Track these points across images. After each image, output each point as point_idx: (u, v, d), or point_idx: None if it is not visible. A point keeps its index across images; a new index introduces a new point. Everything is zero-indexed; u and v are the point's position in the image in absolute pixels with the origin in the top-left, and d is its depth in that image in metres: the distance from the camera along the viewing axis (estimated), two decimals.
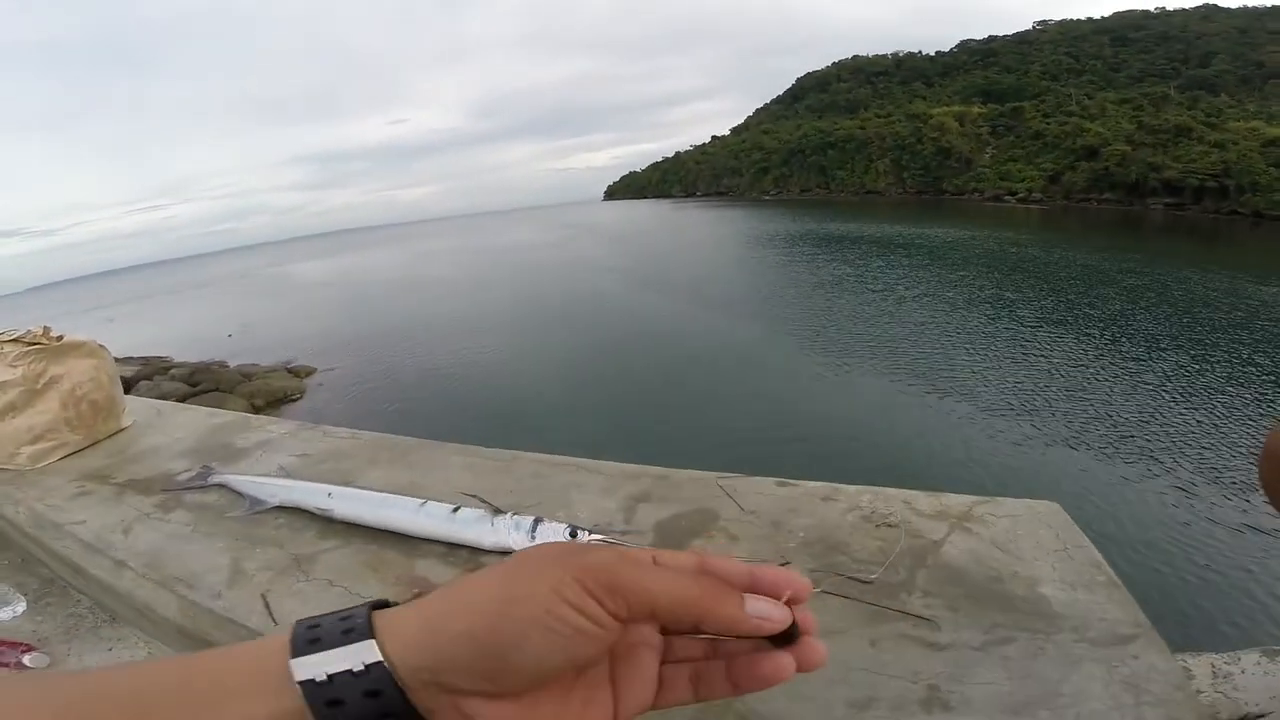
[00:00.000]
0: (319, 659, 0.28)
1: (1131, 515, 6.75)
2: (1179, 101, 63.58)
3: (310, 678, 0.27)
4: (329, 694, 0.27)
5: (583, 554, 0.30)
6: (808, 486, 0.91)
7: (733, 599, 0.30)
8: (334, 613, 0.31)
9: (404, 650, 0.28)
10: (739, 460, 1.09)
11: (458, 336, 18.23)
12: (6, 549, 1.27)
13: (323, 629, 0.29)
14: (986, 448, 8.74)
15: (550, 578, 0.29)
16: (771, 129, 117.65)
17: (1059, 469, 8.05)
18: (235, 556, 0.81)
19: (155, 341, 22.62)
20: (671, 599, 0.30)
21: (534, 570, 0.30)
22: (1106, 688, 0.61)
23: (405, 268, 44.76)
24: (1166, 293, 17.71)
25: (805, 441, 9.03)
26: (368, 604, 0.31)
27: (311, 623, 0.30)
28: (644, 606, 0.29)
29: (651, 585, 0.30)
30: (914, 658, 0.66)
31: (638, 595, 0.29)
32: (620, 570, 0.29)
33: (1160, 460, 7.97)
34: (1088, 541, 0.82)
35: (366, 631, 0.29)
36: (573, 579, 0.29)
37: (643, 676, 0.33)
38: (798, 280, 22.95)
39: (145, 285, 78.37)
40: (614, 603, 0.29)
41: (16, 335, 1.09)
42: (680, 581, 0.30)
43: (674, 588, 0.30)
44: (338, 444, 1.17)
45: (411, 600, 0.31)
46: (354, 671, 0.27)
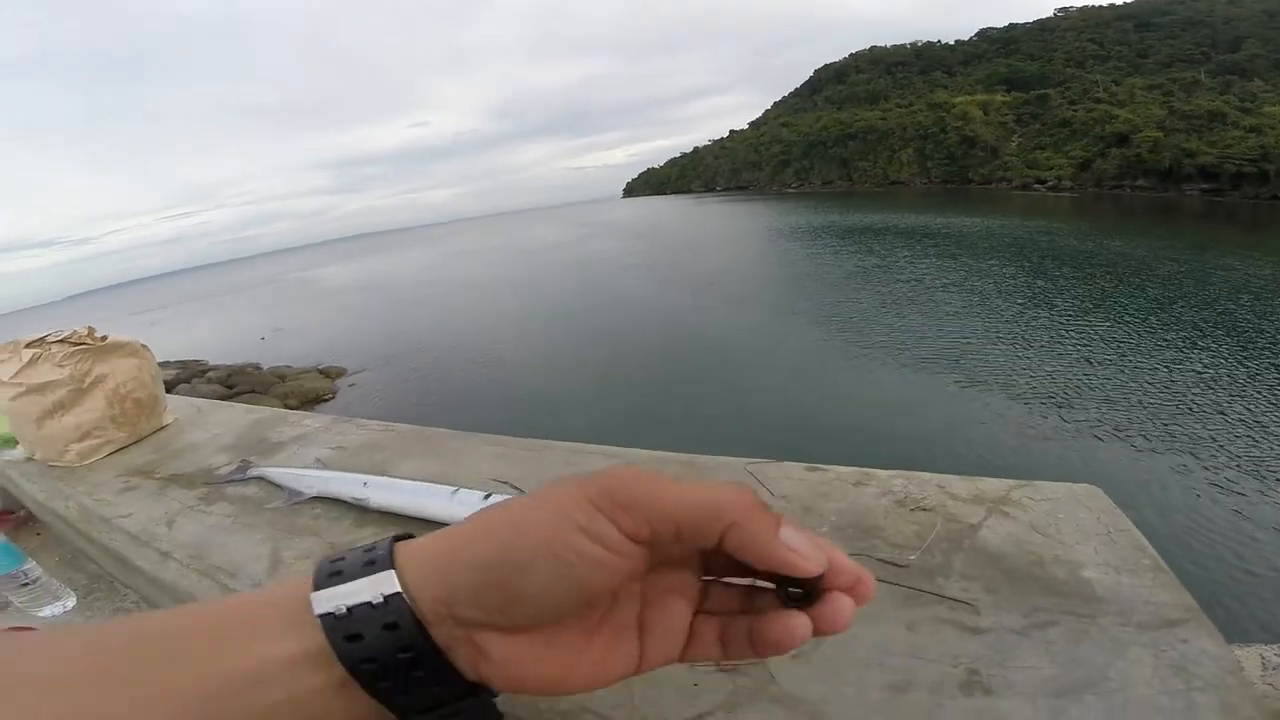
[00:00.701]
0: (338, 591, 0.27)
1: (1173, 503, 6.56)
2: (1210, 87, 61.59)
3: (329, 611, 0.27)
4: (348, 627, 0.27)
5: (602, 474, 0.28)
6: (838, 471, 0.90)
7: (767, 518, 0.28)
8: (360, 546, 0.30)
9: (421, 580, 0.27)
10: (766, 447, 1.08)
11: (484, 334, 18.44)
12: (57, 546, 1.31)
13: (345, 561, 0.29)
14: (1021, 435, 8.58)
15: (560, 499, 0.27)
16: (790, 121, 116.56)
17: (1096, 456, 7.87)
18: (275, 546, 0.83)
19: (192, 345, 23.28)
20: (695, 508, 0.27)
21: (547, 493, 0.28)
22: (1155, 672, 0.60)
23: (429, 269, 45.34)
24: (1206, 280, 17.15)
25: (833, 429, 8.97)
26: (392, 536, 0.31)
27: (336, 556, 0.30)
28: (666, 523, 0.27)
29: (675, 495, 0.27)
30: (952, 641, 0.65)
31: (658, 509, 0.27)
32: (638, 484, 0.27)
33: (1202, 450, 7.73)
34: (1130, 525, 0.80)
35: (387, 562, 0.28)
36: (584, 498, 0.27)
37: (673, 626, 0.31)
38: (823, 272, 22.72)
39: (180, 291, 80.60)
40: (630, 520, 0.27)
41: (63, 336, 1.13)
42: (710, 490, 0.28)
43: (702, 495, 0.27)
44: (372, 436, 1.19)
45: (434, 533, 0.31)
46: (372, 603, 0.27)
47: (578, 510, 0.27)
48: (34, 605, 1.09)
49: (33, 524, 1.41)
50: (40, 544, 1.35)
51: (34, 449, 1.16)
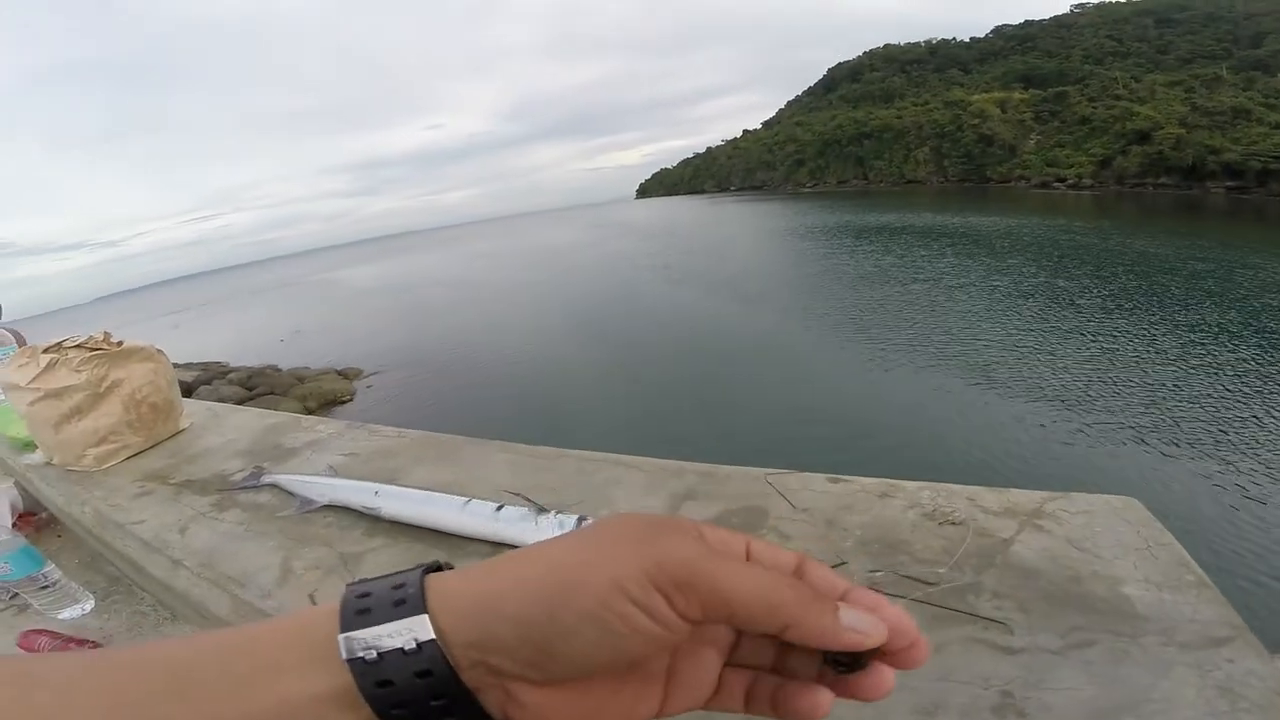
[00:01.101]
0: (369, 635, 0.26)
1: (1211, 515, 6.39)
2: (1233, 83, 60.43)
3: (359, 656, 0.26)
4: (379, 674, 0.25)
5: (660, 540, 0.27)
6: (862, 483, 0.87)
7: (827, 607, 0.27)
8: (387, 577, 0.29)
9: (456, 626, 0.26)
10: (786, 457, 1.06)
11: (500, 337, 18.55)
12: (77, 548, 1.32)
13: (373, 598, 0.27)
14: (1051, 443, 8.39)
15: (614, 566, 0.26)
16: (804, 121, 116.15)
17: (1129, 465, 7.68)
18: (285, 555, 0.82)
19: (213, 347, 23.68)
20: (755, 602, 0.26)
21: (598, 553, 0.27)
22: (1200, 693, 0.57)
23: (446, 271, 45.71)
24: (1234, 279, 16.78)
25: (855, 437, 8.82)
26: (421, 568, 0.29)
27: (362, 590, 0.28)
28: (720, 609, 0.26)
29: (733, 586, 0.26)
30: (984, 662, 0.62)
31: (715, 596, 0.26)
32: (700, 565, 0.26)
33: (1239, 458, 7.52)
34: (1172, 538, 0.76)
35: (419, 603, 0.27)
36: (641, 570, 0.26)
37: (702, 679, 0.30)
38: (841, 273, 22.56)
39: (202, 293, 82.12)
40: (685, 601, 0.26)
41: (80, 341, 1.13)
42: (768, 582, 0.27)
43: (760, 589, 0.26)
44: (384, 443, 1.18)
45: (467, 569, 0.29)
46: (405, 650, 0.26)
47: (633, 583, 0.26)
48: (54, 608, 1.09)
49: (54, 526, 1.42)
50: (61, 546, 1.36)
51: (52, 453, 1.17)
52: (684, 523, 0.29)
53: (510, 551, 0.29)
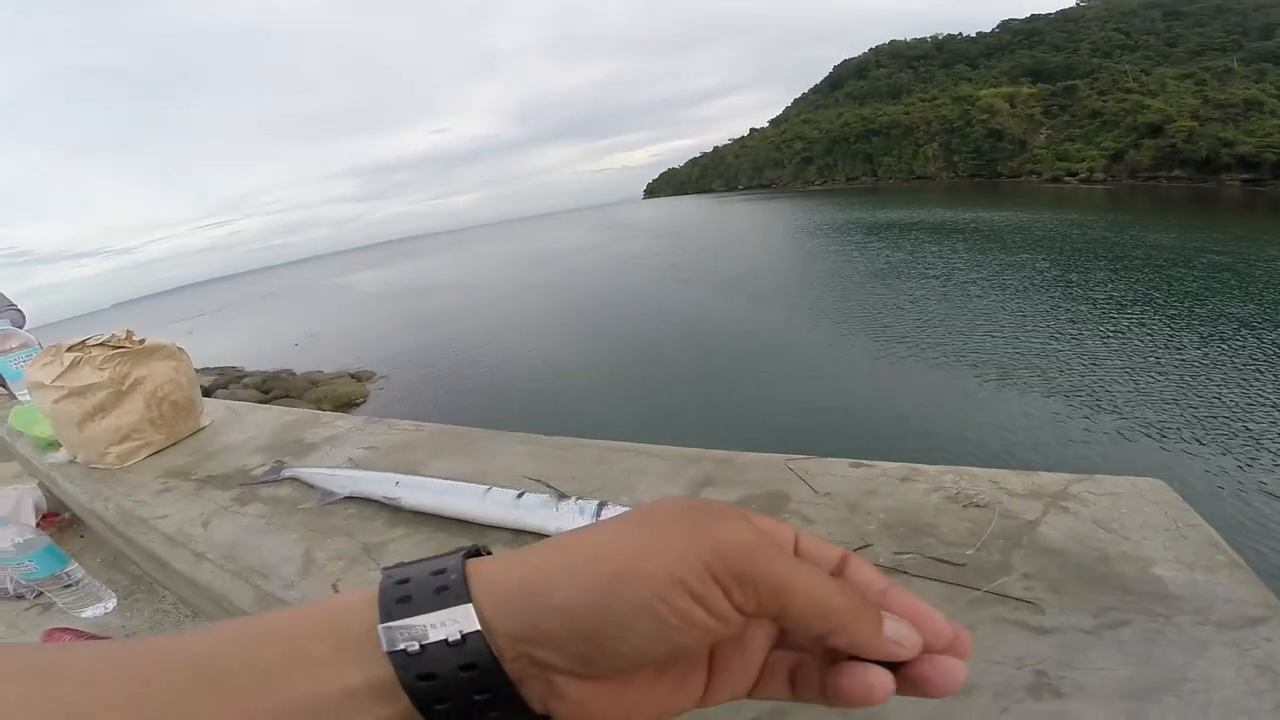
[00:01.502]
0: (411, 625, 0.25)
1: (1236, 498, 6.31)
2: (1244, 75, 59.69)
3: (401, 648, 0.24)
4: (422, 666, 0.24)
5: (716, 526, 0.26)
6: (884, 467, 0.87)
7: (874, 616, 0.26)
8: (425, 561, 0.28)
9: (500, 616, 0.25)
10: (806, 445, 1.05)
11: (513, 336, 18.62)
12: (100, 548, 1.34)
13: (413, 584, 0.26)
14: (1072, 429, 8.36)
15: (670, 555, 0.25)
16: (811, 118, 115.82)
17: (1151, 450, 7.64)
18: (307, 547, 0.83)
19: (228, 352, 23.94)
20: (810, 604, 0.26)
21: (652, 541, 0.26)
22: (1238, 672, 0.55)
23: (457, 273, 45.94)
24: (1251, 272, 16.54)
25: (875, 425, 8.83)
26: (461, 553, 0.28)
27: (400, 576, 0.27)
28: (775, 605, 0.25)
29: (792, 584, 0.25)
30: (1016, 642, 0.61)
31: (773, 592, 0.25)
32: (760, 557, 0.25)
33: (1261, 443, 7.42)
34: (1201, 519, 0.75)
35: (463, 591, 0.26)
36: (700, 563, 0.24)
37: (747, 664, 0.29)
38: (852, 269, 22.48)
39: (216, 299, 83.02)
40: (742, 594, 0.25)
41: (103, 340, 1.15)
42: (824, 585, 0.26)
43: (816, 591, 0.26)
44: (403, 436, 1.18)
45: (508, 554, 0.28)
46: (449, 641, 0.25)
47: (691, 574, 0.24)
48: (76, 606, 1.11)
49: (77, 526, 1.44)
50: (84, 545, 1.37)
51: (75, 451, 1.18)
52: (735, 509, 0.28)
53: (554, 537, 0.28)
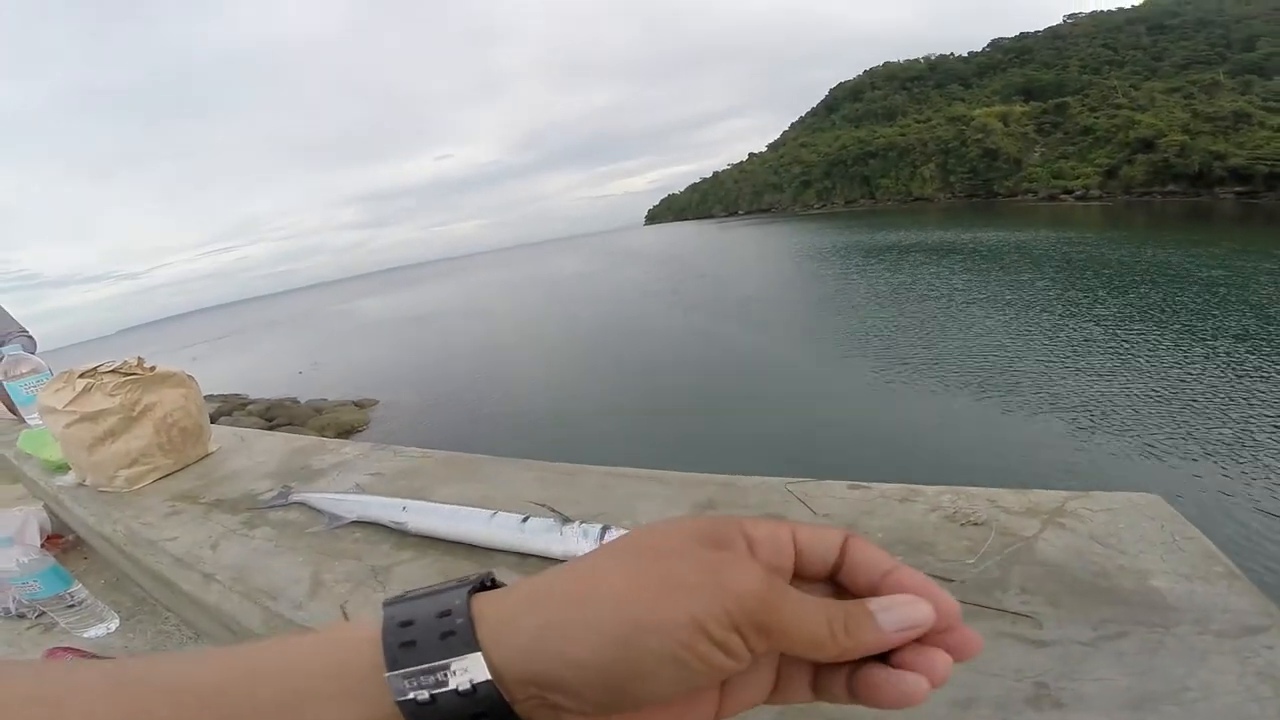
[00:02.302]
0: (419, 675, 0.25)
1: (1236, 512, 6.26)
2: (1231, 87, 60.50)
3: (411, 697, 0.24)
4: (433, 717, 0.24)
5: (733, 574, 0.26)
6: (882, 488, 0.88)
7: (866, 622, 0.27)
8: (428, 597, 0.27)
9: (512, 664, 0.25)
10: (806, 468, 1.06)
11: (516, 364, 18.63)
12: (104, 570, 1.35)
13: (418, 628, 0.26)
14: (1070, 447, 8.33)
15: (694, 604, 0.25)
16: (809, 142, 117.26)
17: (1149, 467, 7.59)
18: (315, 569, 0.84)
19: (232, 379, 23.94)
20: (812, 642, 0.26)
21: (672, 585, 0.25)
22: (1240, 680, 0.56)
23: (460, 300, 46.14)
24: (1248, 285, 16.60)
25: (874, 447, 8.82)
26: (466, 589, 0.27)
27: (404, 616, 0.26)
28: (784, 645, 0.26)
29: (796, 626, 0.26)
30: (1016, 655, 0.62)
31: (782, 635, 0.26)
32: (775, 606, 0.26)
33: (1259, 458, 7.37)
34: (1198, 532, 0.76)
35: (470, 638, 0.25)
36: (723, 612, 0.25)
37: (760, 678, 0.29)
38: (852, 292, 22.56)
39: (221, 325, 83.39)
40: (759, 641, 0.26)
41: (114, 366, 1.17)
42: (825, 621, 0.27)
43: (817, 629, 0.26)
44: (410, 463, 1.20)
45: (515, 589, 0.28)
46: (459, 691, 0.24)
47: (713, 623, 0.24)
48: (79, 626, 1.11)
49: (81, 548, 1.45)
50: (88, 568, 1.38)
51: (85, 475, 1.21)
52: (729, 527, 0.28)
53: (564, 571, 0.28)
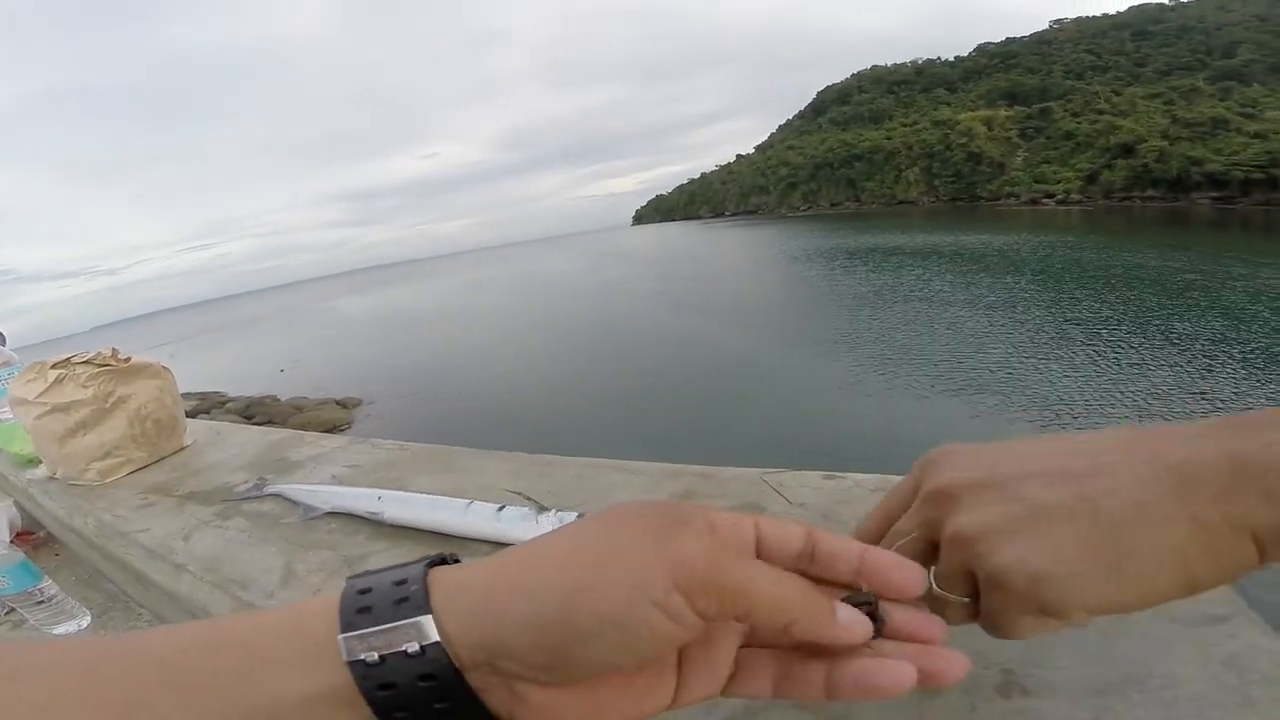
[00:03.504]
0: (370, 636, 0.25)
1: None
2: (1210, 93, 61.91)
3: (361, 658, 0.25)
4: (381, 676, 0.25)
5: (676, 536, 0.26)
6: (856, 478, 0.89)
7: (825, 608, 0.27)
8: (388, 570, 0.28)
9: (462, 628, 0.25)
10: (783, 460, 1.07)
11: (502, 363, 18.57)
12: (75, 566, 1.32)
13: (374, 594, 0.26)
14: None
15: (634, 566, 0.25)
16: (796, 144, 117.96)
17: None
18: (288, 559, 0.83)
19: (210, 377, 23.59)
20: (769, 606, 0.26)
21: (614, 550, 0.26)
22: (1204, 668, 0.57)
23: (445, 299, 45.85)
24: (1223, 289, 17.00)
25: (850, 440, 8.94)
26: (424, 562, 0.28)
27: (363, 585, 0.27)
28: (739, 608, 0.26)
29: (753, 588, 0.26)
30: (983, 643, 0.62)
31: (734, 596, 0.25)
32: (722, 567, 0.25)
33: None
34: None
35: (423, 602, 0.26)
36: (664, 573, 0.24)
37: (716, 661, 0.29)
38: (834, 294, 22.75)
39: (201, 322, 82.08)
40: (705, 602, 0.25)
41: (88, 357, 1.15)
42: (781, 583, 0.27)
43: (774, 591, 0.26)
44: (387, 455, 1.19)
45: (471, 563, 0.28)
46: (408, 653, 0.25)
47: (656, 585, 0.24)
48: (50, 623, 1.10)
49: (52, 544, 1.43)
50: (58, 564, 1.36)
51: (55, 467, 1.19)
52: (692, 511, 0.28)
53: (518, 546, 0.28)
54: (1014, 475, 0.29)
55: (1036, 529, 0.27)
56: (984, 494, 0.30)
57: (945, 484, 0.32)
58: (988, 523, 0.29)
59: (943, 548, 0.31)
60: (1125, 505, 0.26)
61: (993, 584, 0.29)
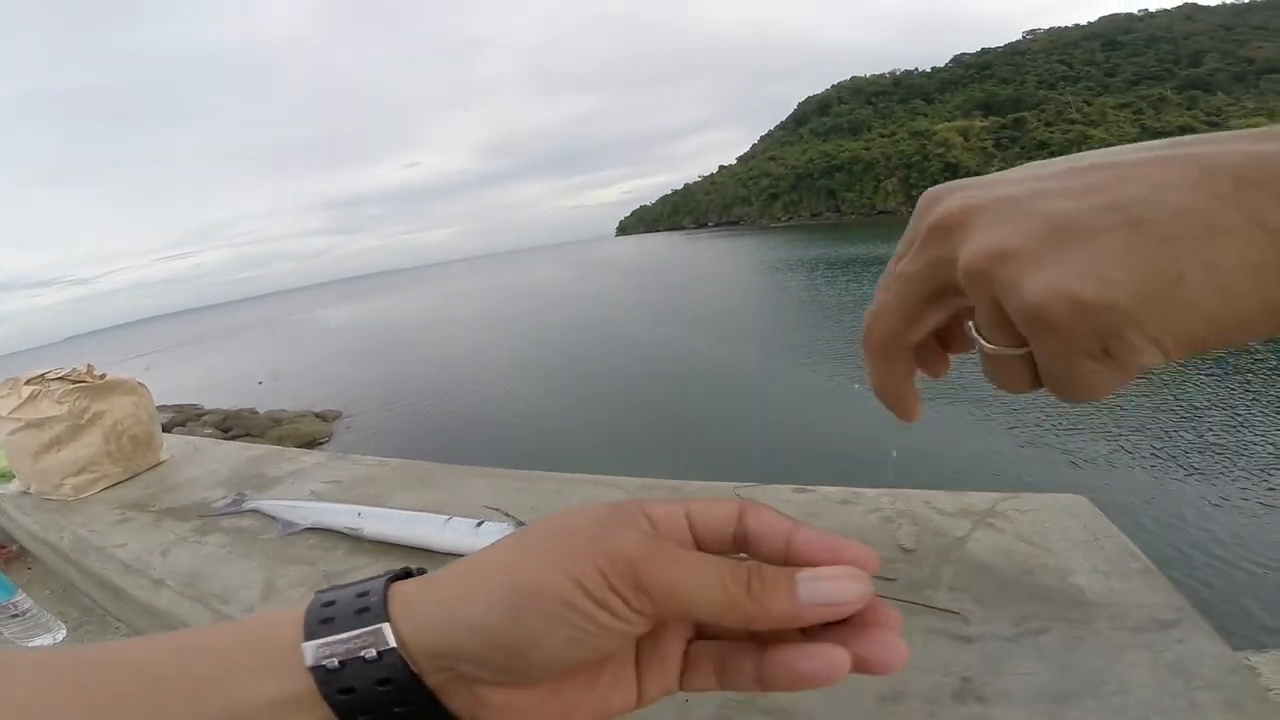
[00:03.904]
0: (331, 643, 0.26)
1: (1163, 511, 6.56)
2: (1178, 103, 63.62)
3: (322, 664, 0.26)
4: (340, 681, 0.26)
5: (605, 536, 0.26)
6: (825, 491, 0.92)
7: (781, 589, 0.25)
8: (353, 585, 0.29)
9: (418, 635, 0.26)
10: (756, 474, 1.09)
11: (484, 374, 18.44)
12: (49, 580, 1.31)
13: (337, 606, 0.27)
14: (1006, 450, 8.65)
15: (570, 565, 0.25)
16: (777, 155, 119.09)
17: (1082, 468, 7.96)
18: (268, 574, 0.83)
19: (187, 389, 23.14)
20: (708, 602, 0.25)
21: (548, 553, 0.26)
22: (1153, 674, 0.60)
23: (428, 310, 45.50)
24: None
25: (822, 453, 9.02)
26: (388, 575, 0.29)
27: (327, 599, 0.28)
28: (676, 608, 0.25)
29: (684, 585, 0.25)
30: (943, 651, 0.65)
31: (667, 596, 0.25)
32: (647, 565, 0.25)
33: (1202, 461, 7.75)
34: (1117, 530, 0.81)
35: (381, 612, 0.26)
36: (596, 568, 0.25)
37: (664, 654, 0.29)
38: (813, 304, 22.94)
39: (177, 333, 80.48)
40: (639, 601, 0.25)
41: (63, 373, 1.15)
42: (717, 579, 0.25)
43: (710, 588, 0.25)
44: (367, 470, 1.20)
45: (429, 574, 0.29)
46: (366, 659, 0.26)
47: (588, 580, 0.25)
48: (24, 637, 1.08)
49: (25, 558, 1.41)
50: (32, 578, 1.34)
51: (30, 483, 1.18)
52: (630, 509, 0.28)
53: (470, 555, 0.29)
54: (1027, 193, 0.24)
55: (1063, 248, 0.22)
56: (994, 214, 0.24)
57: (948, 211, 0.26)
58: (1004, 245, 0.23)
59: (965, 288, 0.25)
60: (1170, 214, 0.21)
61: (1033, 323, 0.23)
